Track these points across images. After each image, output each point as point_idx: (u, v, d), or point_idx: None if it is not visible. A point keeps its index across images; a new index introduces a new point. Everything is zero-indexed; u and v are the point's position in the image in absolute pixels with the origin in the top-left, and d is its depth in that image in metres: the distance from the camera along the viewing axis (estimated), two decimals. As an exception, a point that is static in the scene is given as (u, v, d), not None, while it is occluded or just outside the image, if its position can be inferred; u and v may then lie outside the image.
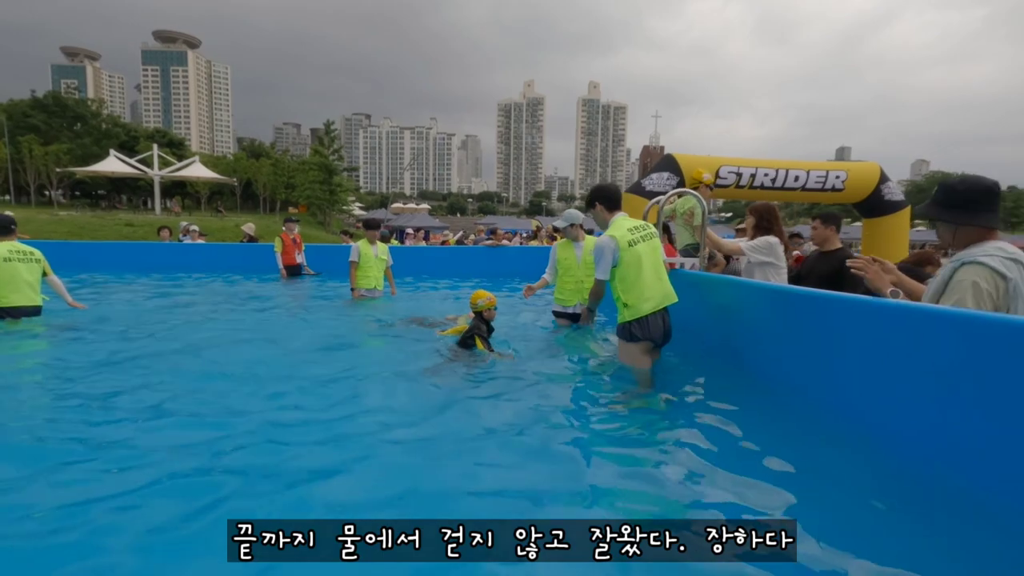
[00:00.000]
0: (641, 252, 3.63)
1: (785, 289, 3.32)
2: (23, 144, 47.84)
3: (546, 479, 2.44)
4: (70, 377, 3.92)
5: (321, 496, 2.28)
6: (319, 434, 2.92)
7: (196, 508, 2.15)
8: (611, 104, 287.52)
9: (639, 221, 3.82)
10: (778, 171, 11.11)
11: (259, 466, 2.51)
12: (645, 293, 3.60)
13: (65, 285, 6.20)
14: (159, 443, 2.76)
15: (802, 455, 2.56)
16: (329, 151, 44.77)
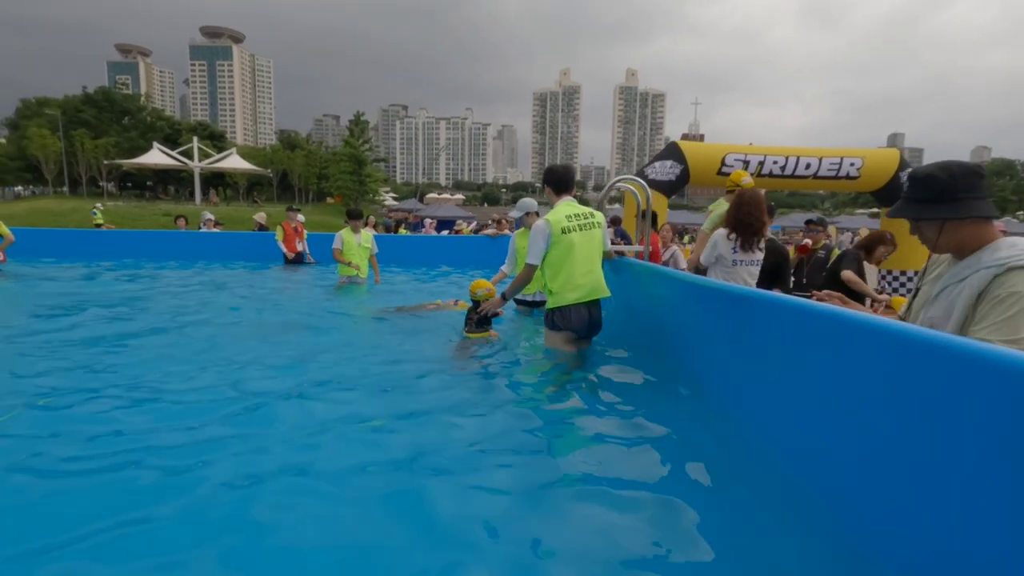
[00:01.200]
0: (574, 240, 3.52)
1: (698, 282, 3.16)
2: (76, 138, 50.39)
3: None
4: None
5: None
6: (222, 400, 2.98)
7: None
8: (649, 92, 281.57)
9: (585, 209, 3.71)
10: (788, 158, 10.68)
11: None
12: (571, 282, 3.50)
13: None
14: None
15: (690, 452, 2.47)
16: (359, 142, 45.39)
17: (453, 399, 3.13)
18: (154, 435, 2.67)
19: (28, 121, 54.14)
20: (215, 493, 2.14)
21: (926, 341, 1.36)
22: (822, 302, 2.06)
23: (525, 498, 2.11)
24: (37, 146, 49.45)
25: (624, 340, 4.11)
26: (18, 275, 8.62)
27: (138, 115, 59.48)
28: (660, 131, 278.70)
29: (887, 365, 1.49)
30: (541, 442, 2.62)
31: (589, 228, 3.61)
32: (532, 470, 2.33)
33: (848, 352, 1.67)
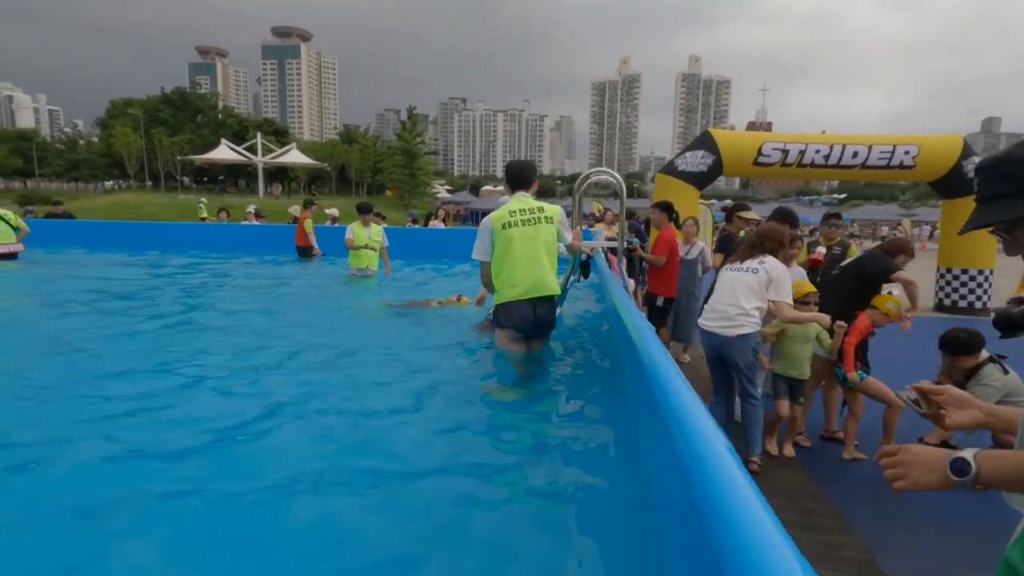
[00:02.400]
0: (513, 236, 3.40)
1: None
2: (155, 136, 54.15)
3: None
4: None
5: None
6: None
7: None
8: (713, 79, 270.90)
9: (534, 204, 3.53)
10: (832, 147, 9.87)
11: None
12: (511, 279, 3.40)
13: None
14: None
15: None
16: (412, 136, 46.24)
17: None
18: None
19: (115, 120, 58.72)
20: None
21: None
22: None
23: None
24: (121, 144, 53.51)
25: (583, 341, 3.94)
26: (36, 262, 9.65)
27: (210, 113, 63.13)
28: (724, 119, 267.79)
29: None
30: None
31: (533, 223, 3.44)
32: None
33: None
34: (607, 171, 4.01)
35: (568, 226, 3.58)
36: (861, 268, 4.20)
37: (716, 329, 3.60)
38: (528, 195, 3.57)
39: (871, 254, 4.32)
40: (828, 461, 3.88)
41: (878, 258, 4.18)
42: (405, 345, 4.36)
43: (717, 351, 3.67)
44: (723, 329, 3.56)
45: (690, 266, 5.82)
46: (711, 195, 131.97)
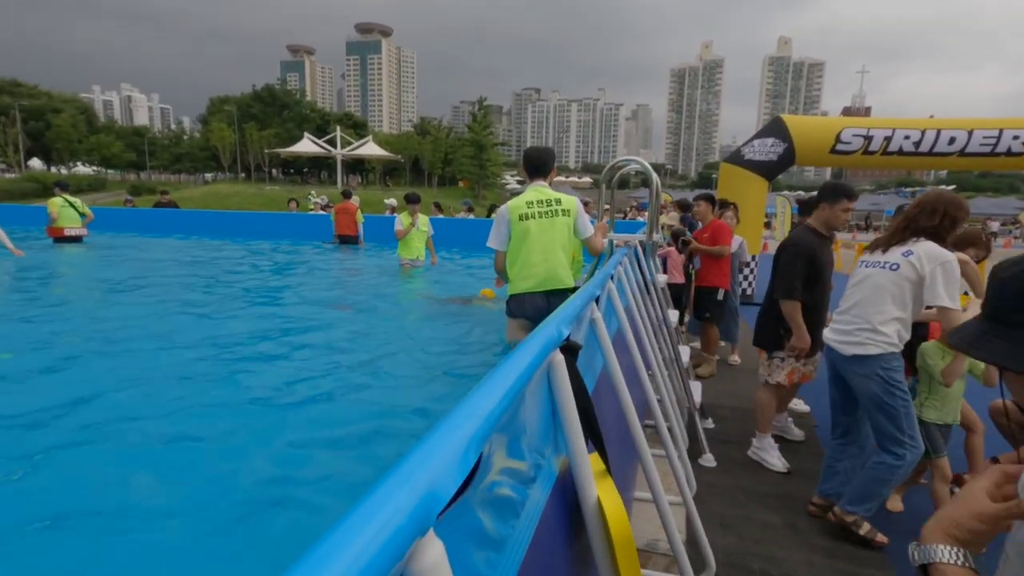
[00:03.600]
0: (530, 228, 3.35)
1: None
2: (246, 131, 58.10)
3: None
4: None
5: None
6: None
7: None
8: (804, 61, 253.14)
9: (552, 195, 3.39)
10: (924, 132, 8.87)
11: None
12: (524, 271, 3.37)
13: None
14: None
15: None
16: (481, 127, 46.66)
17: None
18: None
19: (213, 117, 63.56)
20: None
21: None
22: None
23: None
24: (217, 138, 57.84)
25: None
26: (97, 245, 10.92)
27: (295, 108, 66.79)
28: (816, 105, 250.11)
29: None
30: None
31: (550, 216, 3.35)
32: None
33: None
34: (638, 160, 3.75)
35: (587, 219, 3.39)
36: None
37: (833, 342, 2.83)
38: (545, 184, 3.45)
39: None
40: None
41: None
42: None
43: (834, 369, 2.90)
44: (841, 345, 2.77)
45: (731, 260, 5.43)
46: (798, 186, 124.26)
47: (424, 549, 0.46)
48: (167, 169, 71.02)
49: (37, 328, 4.64)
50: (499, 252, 3.49)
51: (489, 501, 0.75)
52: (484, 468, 0.65)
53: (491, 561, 0.75)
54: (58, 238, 10.05)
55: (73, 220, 10.19)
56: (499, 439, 0.77)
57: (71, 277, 7.80)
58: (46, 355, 3.93)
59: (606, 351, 1.73)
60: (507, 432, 0.83)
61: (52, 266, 8.32)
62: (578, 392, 1.22)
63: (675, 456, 2.48)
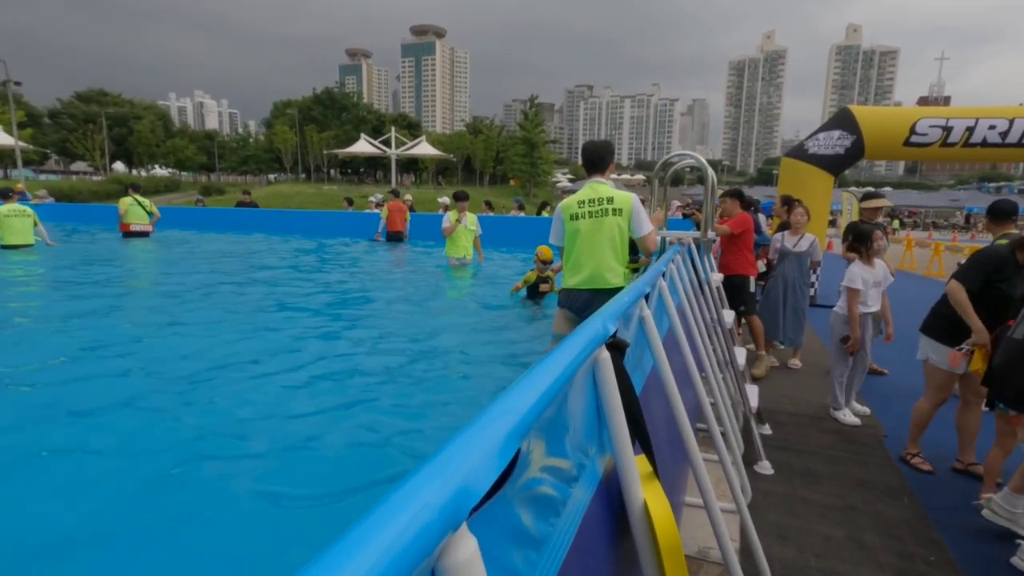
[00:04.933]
0: (580, 227, 3.36)
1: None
2: (307, 133, 60.47)
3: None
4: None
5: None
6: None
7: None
8: (875, 49, 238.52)
9: (605, 193, 3.33)
10: (1013, 121, 8.18)
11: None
12: (574, 268, 3.40)
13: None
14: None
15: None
16: (532, 125, 46.62)
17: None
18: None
19: (276, 120, 66.54)
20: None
21: None
22: None
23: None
24: (280, 140, 60.46)
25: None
26: (162, 240, 11.97)
27: (353, 110, 68.93)
28: (888, 95, 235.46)
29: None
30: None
31: (600, 216, 3.32)
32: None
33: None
34: (692, 155, 3.62)
35: (645, 217, 3.31)
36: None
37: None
38: (604, 180, 3.41)
39: (985, 250, 3.48)
40: (954, 498, 3.21)
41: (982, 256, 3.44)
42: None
43: None
44: None
45: (800, 259, 5.14)
46: (867, 181, 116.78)
47: (456, 544, 0.45)
48: (235, 171, 74.90)
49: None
50: (560, 248, 3.56)
51: (528, 499, 0.73)
52: (522, 464, 0.63)
53: (530, 560, 0.73)
54: (127, 233, 11.27)
55: (140, 217, 11.34)
56: (539, 436, 0.76)
57: (131, 266, 9.20)
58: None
59: (655, 350, 1.68)
60: (548, 429, 0.81)
61: (114, 255, 9.85)
62: (625, 391, 1.18)
63: (728, 461, 2.39)
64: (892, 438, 3.99)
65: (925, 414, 3.63)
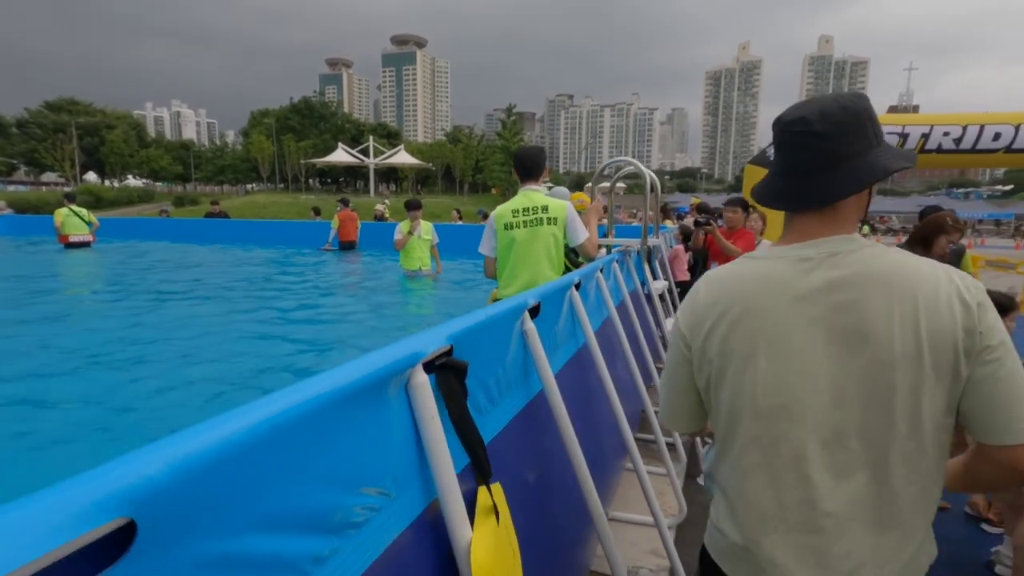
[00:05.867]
0: (515, 237, 3.23)
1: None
2: (284, 142, 59.86)
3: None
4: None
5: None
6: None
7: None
8: (847, 59, 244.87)
9: (539, 202, 3.23)
10: (966, 128, 8.32)
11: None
12: (508, 279, 3.27)
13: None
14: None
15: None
16: (511, 134, 46.75)
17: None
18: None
19: (254, 129, 65.79)
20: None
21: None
22: None
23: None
24: (256, 150, 59.76)
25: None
26: (103, 250, 12.00)
27: (331, 119, 68.48)
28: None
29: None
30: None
31: (535, 225, 3.21)
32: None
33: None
34: (630, 160, 3.55)
35: (580, 224, 3.22)
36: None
37: None
38: (537, 187, 3.31)
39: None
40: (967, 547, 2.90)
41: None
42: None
43: None
44: None
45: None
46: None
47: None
48: (211, 181, 73.85)
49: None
50: (488, 258, 3.42)
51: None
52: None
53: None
54: (67, 244, 11.12)
55: (79, 228, 11.17)
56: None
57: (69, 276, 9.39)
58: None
59: (541, 368, 1.56)
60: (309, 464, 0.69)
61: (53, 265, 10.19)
62: (459, 418, 1.06)
63: (644, 475, 2.28)
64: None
65: None
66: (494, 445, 1.28)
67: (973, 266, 12.62)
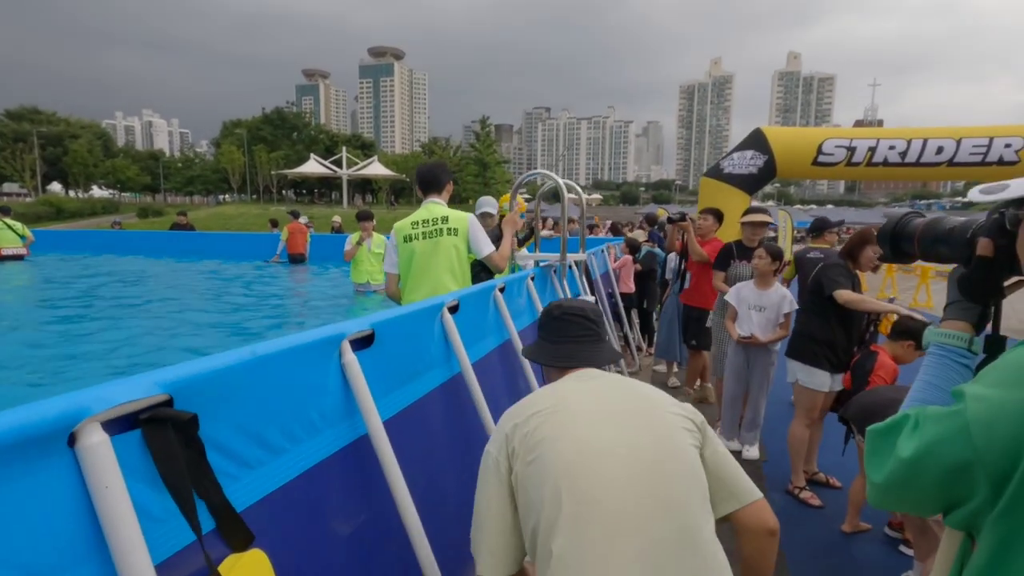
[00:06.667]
0: (415, 250, 3.09)
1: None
2: (256, 153, 58.94)
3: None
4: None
5: None
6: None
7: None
8: (814, 76, 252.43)
9: (440, 212, 3.10)
10: (910, 142, 8.48)
11: None
12: (411, 295, 3.10)
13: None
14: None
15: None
16: (485, 145, 46.85)
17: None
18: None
19: (225, 140, 64.69)
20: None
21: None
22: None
23: None
24: (227, 160, 58.68)
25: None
26: (37, 264, 11.78)
27: (304, 130, 67.74)
28: (827, 118, 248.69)
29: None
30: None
31: (435, 236, 3.07)
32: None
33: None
34: (547, 173, 3.44)
35: (483, 236, 3.09)
36: (815, 283, 3.46)
37: None
38: (440, 200, 3.16)
39: (821, 265, 3.52)
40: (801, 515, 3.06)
41: (819, 271, 3.44)
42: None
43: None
44: None
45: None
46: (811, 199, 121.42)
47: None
48: (180, 191, 72.26)
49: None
50: (389, 275, 3.23)
51: None
52: None
53: None
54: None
55: (12, 241, 11.07)
56: None
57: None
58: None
59: (366, 414, 1.39)
60: None
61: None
62: (174, 478, 0.90)
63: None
64: (772, 464, 3.86)
65: (800, 439, 3.51)
66: (272, 500, 1.12)
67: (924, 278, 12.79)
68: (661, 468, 1.13)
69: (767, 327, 3.81)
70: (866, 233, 3.40)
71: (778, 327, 3.80)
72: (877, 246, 3.32)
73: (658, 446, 1.15)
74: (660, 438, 1.16)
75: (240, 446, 1.06)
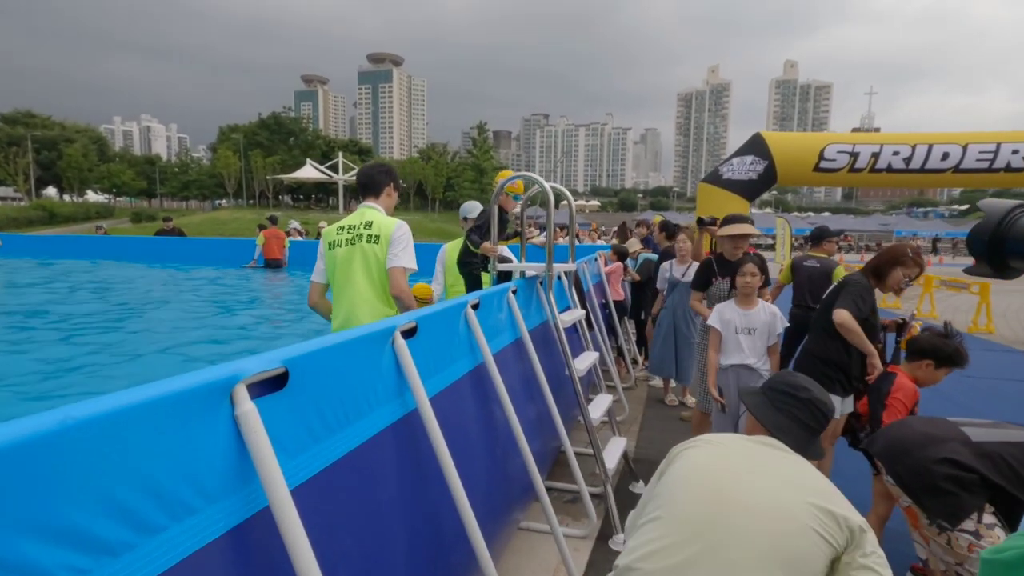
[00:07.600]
0: (337, 257, 2.78)
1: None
2: (252, 158, 58.67)
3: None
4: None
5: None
6: None
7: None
8: (811, 84, 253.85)
9: (368, 217, 2.77)
10: (915, 148, 8.23)
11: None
12: (334, 308, 2.84)
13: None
14: None
15: None
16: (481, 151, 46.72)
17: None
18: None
19: (222, 145, 64.44)
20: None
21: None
22: None
23: None
24: (223, 165, 58.40)
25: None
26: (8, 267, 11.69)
27: (301, 136, 67.54)
28: (824, 126, 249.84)
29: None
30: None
31: (354, 242, 2.74)
32: None
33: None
34: (532, 176, 3.14)
35: (403, 248, 2.72)
36: (831, 299, 3.13)
37: None
38: (375, 205, 2.85)
39: (843, 280, 3.16)
40: None
41: (839, 286, 3.10)
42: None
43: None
44: None
45: (689, 289, 4.70)
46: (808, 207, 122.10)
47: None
48: (175, 196, 71.88)
49: None
50: (313, 284, 2.92)
51: None
52: None
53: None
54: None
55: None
56: None
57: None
58: None
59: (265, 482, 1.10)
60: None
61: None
62: None
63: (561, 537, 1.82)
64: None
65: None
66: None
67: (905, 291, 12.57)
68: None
69: (761, 352, 3.33)
70: (898, 252, 3.00)
71: (772, 351, 3.35)
72: (908, 268, 2.98)
73: (771, 514, 1.29)
74: (778, 516, 1.28)
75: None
